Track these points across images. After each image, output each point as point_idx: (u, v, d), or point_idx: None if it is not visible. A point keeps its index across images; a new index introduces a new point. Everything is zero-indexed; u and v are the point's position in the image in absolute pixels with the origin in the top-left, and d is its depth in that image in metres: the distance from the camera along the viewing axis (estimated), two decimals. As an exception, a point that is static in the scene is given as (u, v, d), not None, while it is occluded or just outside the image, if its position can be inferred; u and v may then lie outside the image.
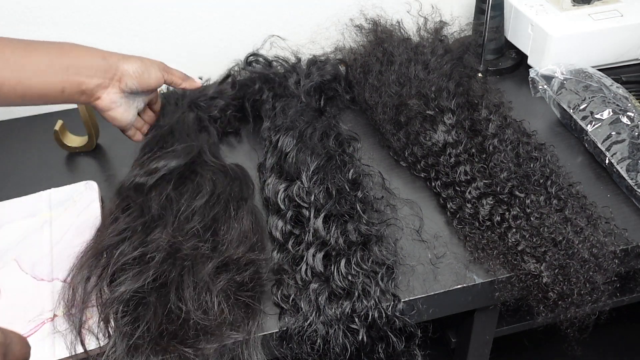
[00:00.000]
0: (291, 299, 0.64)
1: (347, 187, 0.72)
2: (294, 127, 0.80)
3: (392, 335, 0.63)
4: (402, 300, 0.64)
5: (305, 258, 0.65)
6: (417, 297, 0.65)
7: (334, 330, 0.62)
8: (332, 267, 0.64)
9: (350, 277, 0.64)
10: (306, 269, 0.65)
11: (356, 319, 0.62)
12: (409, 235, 0.72)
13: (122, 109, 0.75)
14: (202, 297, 0.60)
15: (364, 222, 0.69)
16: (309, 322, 0.62)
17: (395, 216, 0.74)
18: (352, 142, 0.82)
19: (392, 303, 0.64)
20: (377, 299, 0.63)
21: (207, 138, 0.85)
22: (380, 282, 0.64)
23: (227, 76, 0.96)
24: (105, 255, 0.64)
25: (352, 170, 0.74)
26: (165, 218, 0.68)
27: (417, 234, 0.73)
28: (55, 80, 0.68)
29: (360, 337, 0.62)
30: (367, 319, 0.62)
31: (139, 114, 0.81)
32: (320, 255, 0.65)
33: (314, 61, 0.97)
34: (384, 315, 0.63)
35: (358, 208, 0.70)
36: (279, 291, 0.65)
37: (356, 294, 0.63)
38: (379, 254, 0.67)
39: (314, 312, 0.62)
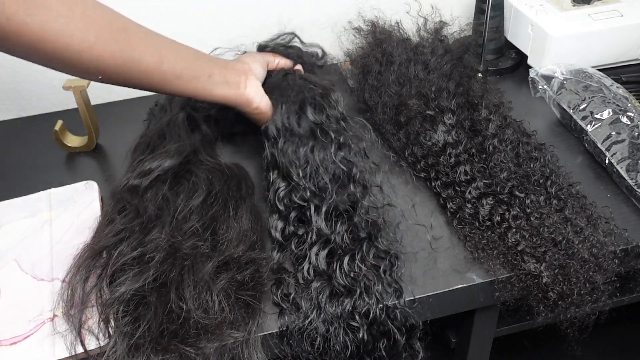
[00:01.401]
0: (291, 297, 0.64)
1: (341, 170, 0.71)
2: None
3: (393, 327, 0.63)
4: (403, 296, 0.64)
5: (308, 257, 0.65)
6: (417, 297, 0.65)
7: (334, 328, 0.62)
8: (335, 265, 0.64)
9: (352, 274, 0.64)
10: (308, 268, 0.65)
11: (357, 317, 0.62)
12: (409, 235, 0.72)
13: (265, 99, 0.78)
14: (202, 296, 0.60)
15: (364, 213, 0.69)
16: (309, 320, 0.62)
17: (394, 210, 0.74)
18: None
19: (394, 295, 0.64)
20: (378, 294, 0.63)
21: (201, 137, 0.85)
22: (382, 275, 0.64)
23: None
24: (104, 256, 0.65)
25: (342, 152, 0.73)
26: (163, 218, 0.68)
27: (416, 234, 0.73)
28: (204, 65, 0.72)
29: (360, 335, 0.62)
30: (368, 316, 0.62)
31: None
32: (323, 253, 0.65)
33: None
34: (384, 310, 0.63)
35: (357, 196, 0.70)
36: (279, 290, 0.65)
37: (358, 291, 0.63)
38: (381, 245, 0.67)
39: (315, 310, 0.62)
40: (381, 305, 0.63)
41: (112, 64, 0.64)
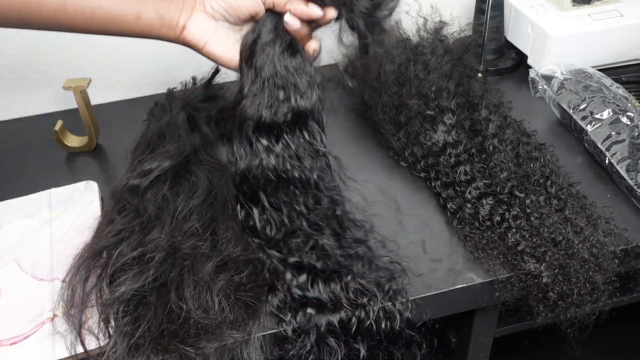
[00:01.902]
0: (287, 310, 0.62)
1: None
2: None
3: (394, 350, 0.63)
4: (403, 300, 0.64)
5: (299, 282, 0.63)
6: (417, 297, 0.65)
7: (331, 349, 0.61)
8: (322, 285, 0.63)
9: (352, 294, 0.62)
10: (299, 285, 0.63)
11: (359, 340, 0.61)
12: (408, 235, 0.72)
13: (219, 42, 0.62)
14: (202, 296, 0.60)
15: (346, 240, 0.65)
16: (307, 349, 0.61)
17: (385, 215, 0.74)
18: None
19: (392, 318, 0.63)
20: (380, 309, 0.62)
21: (201, 137, 0.84)
22: (383, 300, 0.63)
23: (214, 75, 0.92)
24: (104, 256, 0.65)
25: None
26: (163, 218, 0.68)
27: (416, 234, 0.73)
28: (129, 2, 0.60)
29: (361, 356, 0.61)
30: (367, 334, 0.62)
31: None
32: (321, 286, 0.63)
33: None
34: (383, 323, 0.62)
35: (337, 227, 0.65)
36: (276, 299, 0.63)
37: (360, 314, 0.61)
38: (377, 261, 0.65)
39: (311, 334, 0.61)
40: (381, 322, 0.62)
41: (5, 11, 0.57)
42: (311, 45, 0.66)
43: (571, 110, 0.86)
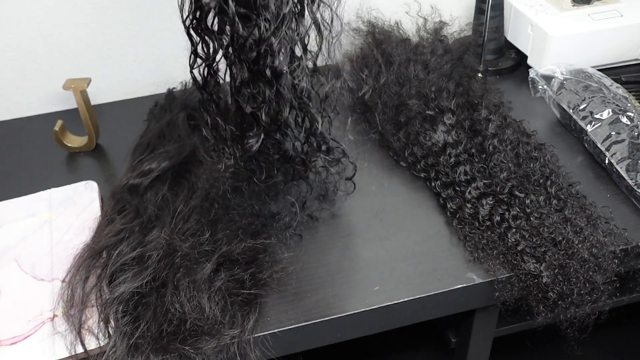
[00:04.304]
0: None
1: None
2: None
3: None
4: (400, 300, 0.64)
5: None
6: (417, 297, 0.66)
7: None
8: None
9: None
10: None
11: None
12: (408, 235, 0.72)
13: None
14: (200, 296, 0.60)
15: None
16: None
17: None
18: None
19: None
20: None
21: (201, 137, 0.84)
22: None
23: None
24: (103, 256, 0.65)
25: None
26: (162, 218, 0.68)
27: (416, 233, 0.73)
28: None
29: None
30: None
31: None
32: None
33: None
34: None
35: None
36: None
37: None
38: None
39: None
40: None
41: None
42: None
43: (571, 110, 0.86)
